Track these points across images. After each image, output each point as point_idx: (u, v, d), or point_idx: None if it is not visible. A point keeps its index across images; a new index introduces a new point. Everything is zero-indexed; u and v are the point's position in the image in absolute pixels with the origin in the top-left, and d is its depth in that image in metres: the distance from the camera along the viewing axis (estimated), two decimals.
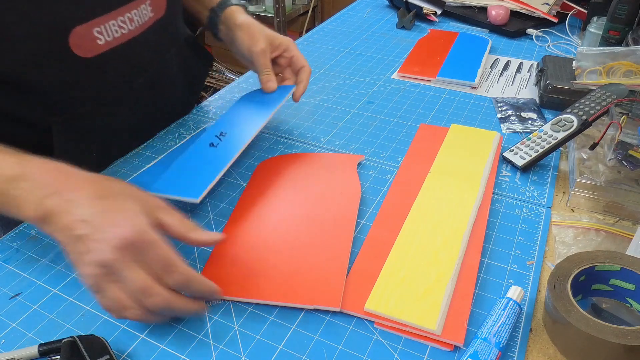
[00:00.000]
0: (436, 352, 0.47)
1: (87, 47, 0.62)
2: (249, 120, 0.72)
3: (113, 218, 0.45)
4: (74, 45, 0.60)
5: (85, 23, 0.60)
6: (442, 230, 0.58)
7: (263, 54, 0.75)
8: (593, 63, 0.83)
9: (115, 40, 0.65)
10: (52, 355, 0.46)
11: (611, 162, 0.64)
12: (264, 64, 0.76)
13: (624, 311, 0.50)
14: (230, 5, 0.80)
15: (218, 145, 0.67)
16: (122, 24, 0.65)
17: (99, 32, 0.62)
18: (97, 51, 0.63)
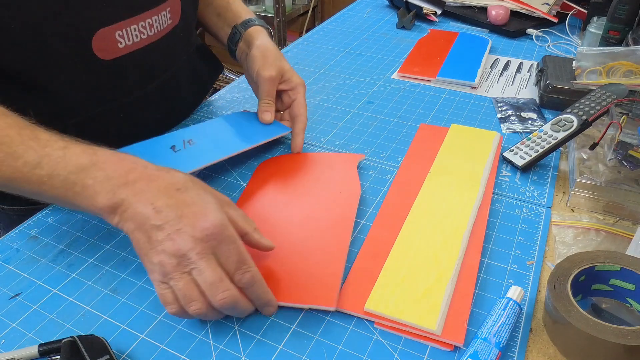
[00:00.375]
0: (436, 352, 0.47)
1: (108, 49, 0.63)
2: (226, 141, 0.69)
3: (194, 210, 0.45)
4: (96, 47, 0.61)
5: (110, 26, 0.62)
6: (442, 230, 0.58)
7: (271, 81, 0.73)
8: (593, 63, 0.83)
9: (134, 45, 0.66)
10: (52, 355, 0.46)
11: (611, 162, 0.64)
12: (267, 91, 0.73)
13: (624, 311, 0.50)
14: (255, 25, 0.80)
15: (178, 152, 0.63)
16: (142, 29, 0.66)
17: (120, 35, 0.63)
18: (116, 54, 0.64)
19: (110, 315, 0.50)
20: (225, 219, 0.46)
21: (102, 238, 0.59)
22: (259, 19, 0.82)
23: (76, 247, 0.58)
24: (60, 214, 0.63)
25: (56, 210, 0.64)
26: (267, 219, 0.61)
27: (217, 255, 0.45)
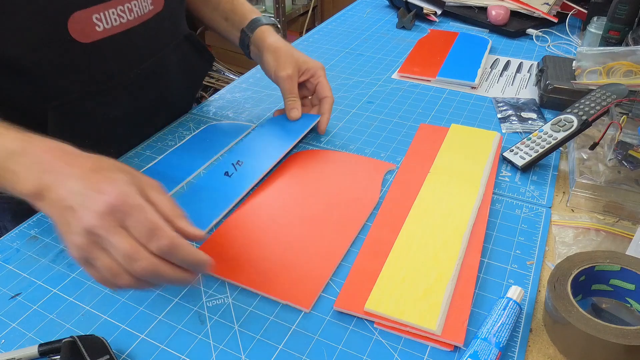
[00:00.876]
0: (436, 352, 0.47)
1: (86, 32, 0.63)
2: (268, 150, 0.72)
3: (101, 187, 0.45)
4: (73, 29, 0.62)
5: (85, 9, 0.62)
6: (442, 230, 0.58)
7: (289, 79, 0.75)
8: (593, 63, 0.83)
9: (113, 29, 0.66)
10: (52, 355, 0.46)
11: (611, 162, 0.64)
12: (289, 89, 0.76)
13: (624, 311, 0.50)
14: (261, 25, 0.80)
15: (232, 175, 0.67)
16: (121, 13, 0.66)
17: (98, 19, 0.64)
18: (94, 37, 0.64)
19: (110, 315, 0.50)
20: (129, 191, 0.44)
21: None
22: (265, 16, 0.83)
23: None
24: None
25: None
26: (277, 209, 0.63)
27: (127, 227, 0.44)
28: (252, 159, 0.70)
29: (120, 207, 0.43)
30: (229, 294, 0.53)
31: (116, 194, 0.44)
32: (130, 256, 0.43)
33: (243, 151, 0.72)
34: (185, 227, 0.48)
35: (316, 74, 0.77)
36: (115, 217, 0.43)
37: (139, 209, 0.44)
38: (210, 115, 0.85)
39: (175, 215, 0.48)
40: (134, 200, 0.44)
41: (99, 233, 0.43)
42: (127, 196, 0.44)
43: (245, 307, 0.51)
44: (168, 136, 0.79)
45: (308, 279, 0.53)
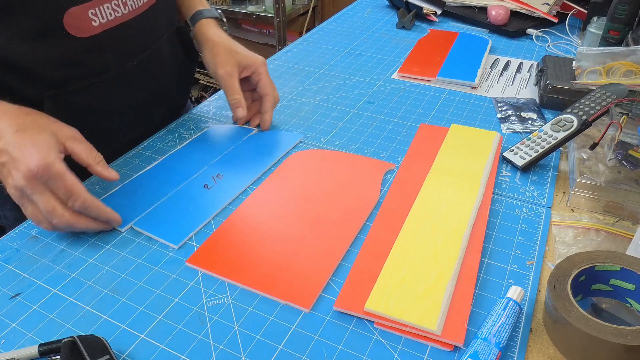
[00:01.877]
0: (436, 352, 0.47)
1: (82, 27, 0.64)
2: (248, 166, 0.71)
3: (26, 151, 0.53)
4: (68, 25, 0.63)
5: (81, 5, 0.63)
6: (442, 230, 0.58)
7: (228, 77, 0.74)
8: (593, 63, 0.83)
9: (109, 23, 0.67)
10: (52, 355, 0.46)
11: (611, 162, 0.64)
12: (230, 87, 0.75)
13: (624, 311, 0.50)
14: (202, 18, 0.79)
15: (212, 188, 0.67)
16: (116, 7, 0.67)
17: (93, 14, 0.65)
18: (91, 32, 0.65)
19: (110, 315, 0.50)
20: (50, 158, 0.53)
21: (102, 238, 0.59)
22: (210, 9, 0.82)
23: (76, 247, 0.58)
24: None
25: None
26: (277, 209, 0.63)
27: (50, 188, 0.54)
28: (232, 174, 0.69)
29: (41, 174, 0.52)
30: (229, 294, 0.53)
31: (37, 161, 0.52)
32: (50, 213, 0.54)
33: (224, 165, 0.71)
34: (100, 171, 0.58)
35: (257, 70, 0.76)
36: (37, 181, 0.52)
37: (58, 177, 0.53)
38: (210, 115, 0.85)
39: (94, 162, 0.58)
40: (52, 169, 0.53)
41: (26, 191, 0.53)
42: (47, 164, 0.52)
43: (245, 307, 0.51)
44: (168, 136, 0.79)
45: (308, 279, 0.53)
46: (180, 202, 0.64)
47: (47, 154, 0.53)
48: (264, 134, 0.79)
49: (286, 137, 0.78)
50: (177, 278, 0.54)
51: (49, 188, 0.53)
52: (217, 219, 0.62)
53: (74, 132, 0.58)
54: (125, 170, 0.71)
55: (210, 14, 0.81)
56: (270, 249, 0.57)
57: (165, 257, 0.57)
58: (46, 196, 0.53)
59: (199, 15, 0.80)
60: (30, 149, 0.53)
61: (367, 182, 0.68)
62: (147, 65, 0.76)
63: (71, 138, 0.57)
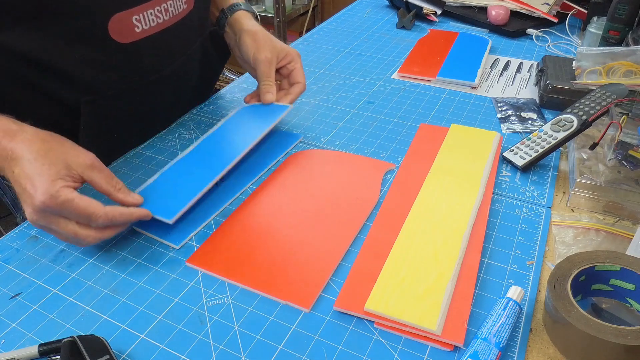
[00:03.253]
0: (436, 352, 0.47)
1: (125, 33, 0.65)
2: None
3: (33, 183, 0.50)
4: (112, 30, 0.64)
5: (126, 10, 0.64)
6: (442, 230, 0.58)
7: (268, 62, 0.75)
8: (593, 63, 0.83)
9: (151, 29, 0.68)
10: (52, 355, 0.46)
11: (611, 162, 0.64)
12: (266, 73, 0.76)
13: (624, 311, 0.50)
14: (240, 9, 0.81)
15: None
16: (158, 14, 0.68)
17: (137, 20, 0.66)
18: (133, 38, 0.66)
19: (110, 315, 0.50)
20: (55, 190, 0.50)
21: None
22: (247, 4, 0.84)
23: (76, 247, 0.58)
24: None
25: None
26: (277, 209, 0.63)
27: (64, 215, 0.51)
28: (232, 173, 0.69)
29: (49, 207, 0.50)
30: (229, 294, 0.53)
31: (42, 195, 0.50)
32: (75, 239, 0.52)
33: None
34: (122, 198, 0.56)
35: (293, 59, 0.78)
36: (49, 212, 0.51)
37: (67, 205, 0.50)
38: (210, 115, 0.85)
39: (114, 190, 0.56)
40: (58, 199, 0.50)
41: (41, 224, 0.52)
42: (52, 196, 0.50)
43: (245, 307, 0.51)
44: (168, 136, 0.79)
45: (308, 279, 0.53)
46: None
47: (51, 186, 0.50)
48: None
49: (286, 137, 0.78)
50: (177, 278, 0.54)
51: (63, 216, 0.51)
52: (217, 219, 0.62)
53: (91, 159, 0.55)
54: (125, 170, 0.71)
55: (248, 9, 0.83)
56: (270, 249, 0.57)
57: (165, 257, 0.57)
58: (62, 224, 0.51)
59: (236, 7, 0.82)
60: (36, 181, 0.50)
61: (367, 182, 0.68)
62: (180, 72, 0.77)
63: (88, 167, 0.54)
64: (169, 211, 0.58)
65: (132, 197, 0.57)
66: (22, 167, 0.51)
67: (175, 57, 0.75)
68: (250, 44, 0.77)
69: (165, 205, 0.59)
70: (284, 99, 0.77)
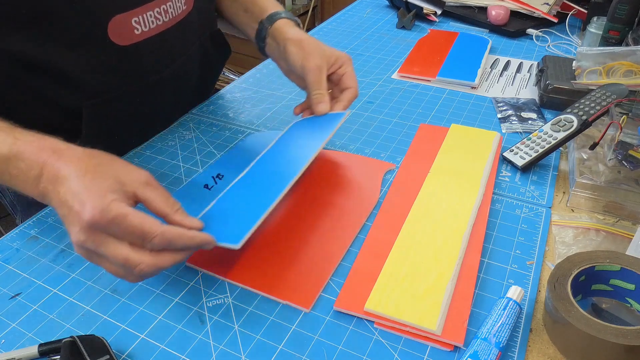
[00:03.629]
0: (436, 352, 0.47)
1: (125, 35, 0.65)
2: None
3: (81, 199, 0.44)
4: (112, 33, 0.63)
5: (125, 12, 0.63)
6: (442, 230, 0.58)
7: (318, 70, 0.69)
8: (593, 63, 0.83)
9: (150, 31, 0.68)
10: (52, 355, 0.46)
11: (611, 162, 0.64)
12: (317, 81, 0.69)
13: (624, 311, 0.50)
14: (280, 18, 0.76)
15: (212, 189, 0.65)
16: (158, 15, 0.68)
17: (136, 22, 0.65)
18: (132, 40, 0.66)
19: (110, 315, 0.50)
20: (106, 203, 0.44)
21: None
22: (287, 12, 0.79)
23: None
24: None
25: None
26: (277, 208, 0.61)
27: (115, 235, 0.44)
28: (232, 173, 0.67)
29: (98, 223, 0.43)
30: (229, 294, 0.53)
31: (91, 209, 0.43)
32: (127, 265, 0.44)
33: (225, 165, 0.71)
34: (180, 220, 0.48)
35: (344, 64, 0.72)
36: (99, 231, 0.44)
37: (119, 221, 0.43)
38: (210, 115, 0.85)
39: (172, 211, 0.48)
40: (109, 213, 0.43)
41: (89, 247, 0.44)
42: (102, 210, 0.43)
43: (245, 307, 0.51)
44: (168, 136, 0.79)
45: (308, 279, 0.53)
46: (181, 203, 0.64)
47: (101, 200, 0.44)
48: (264, 135, 0.79)
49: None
50: (177, 278, 0.54)
51: (114, 236, 0.44)
52: None
53: (146, 176, 0.49)
54: None
55: (289, 16, 0.77)
56: (270, 249, 0.57)
57: None
58: (112, 246, 0.44)
59: (277, 15, 0.76)
60: (84, 196, 0.44)
61: (367, 182, 0.67)
62: (180, 72, 0.77)
63: (143, 183, 0.48)
64: (233, 236, 0.50)
65: (191, 220, 0.49)
66: (69, 185, 0.46)
67: (175, 58, 0.75)
68: (297, 53, 0.70)
69: (229, 230, 0.51)
70: (335, 106, 0.70)
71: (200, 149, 0.76)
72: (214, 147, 0.76)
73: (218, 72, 0.95)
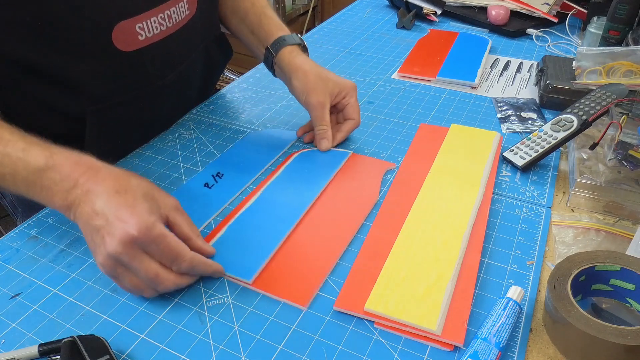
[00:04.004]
0: (436, 352, 0.47)
1: (129, 41, 0.65)
2: (248, 165, 0.70)
3: (124, 214, 0.48)
4: (116, 39, 0.63)
5: (130, 18, 0.63)
6: (442, 230, 0.58)
7: (321, 107, 0.71)
8: (593, 63, 0.83)
9: (154, 36, 0.68)
10: (52, 355, 0.46)
11: (611, 162, 0.64)
12: (319, 117, 0.71)
13: (624, 311, 0.50)
14: (285, 45, 0.76)
15: (212, 187, 0.66)
16: (162, 21, 0.68)
17: (140, 27, 0.65)
18: (136, 46, 0.66)
19: (110, 315, 0.50)
20: (149, 222, 0.48)
21: None
22: (291, 35, 0.78)
23: (76, 247, 0.58)
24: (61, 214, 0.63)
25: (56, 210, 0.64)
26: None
27: (150, 253, 0.48)
28: (232, 172, 0.69)
29: (141, 239, 0.47)
30: (229, 294, 0.53)
31: (137, 225, 0.47)
32: (153, 280, 0.49)
33: (224, 163, 0.71)
34: (201, 245, 0.54)
35: (348, 94, 0.74)
36: (137, 246, 0.47)
37: (160, 240, 0.48)
38: (210, 115, 0.85)
39: (195, 236, 0.54)
40: (152, 233, 0.47)
41: (122, 259, 0.47)
42: (147, 228, 0.47)
43: (245, 307, 0.51)
44: (168, 136, 0.79)
45: (306, 277, 0.54)
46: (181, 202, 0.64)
47: (147, 217, 0.48)
48: (263, 133, 0.79)
49: (287, 137, 0.78)
50: None
51: (148, 253, 0.48)
52: (217, 220, 0.62)
53: (175, 202, 0.54)
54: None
55: (294, 42, 0.77)
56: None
57: None
58: (146, 262, 0.48)
59: (282, 43, 0.76)
60: (129, 212, 0.48)
61: (366, 182, 0.67)
62: (185, 74, 0.77)
63: (174, 208, 0.53)
64: (245, 270, 0.54)
65: (208, 247, 0.55)
66: (109, 199, 0.48)
67: (179, 63, 0.75)
68: (301, 88, 0.72)
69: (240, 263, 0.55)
70: (336, 135, 0.74)
71: (200, 149, 0.76)
72: (214, 147, 0.76)
73: (220, 73, 0.95)
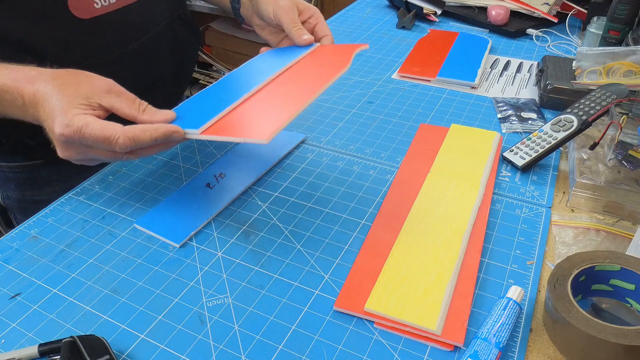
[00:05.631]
0: (436, 352, 0.47)
1: (84, 9, 0.67)
2: (250, 165, 0.71)
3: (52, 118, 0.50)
4: (72, 6, 0.66)
5: None
6: (442, 230, 0.58)
7: (290, 10, 0.72)
8: (593, 63, 0.83)
9: (110, 6, 0.70)
10: (52, 355, 0.46)
11: (611, 162, 0.64)
12: (292, 19, 0.72)
13: (624, 311, 0.50)
14: None
15: (214, 187, 0.67)
16: None
17: None
18: (93, 14, 0.68)
19: (110, 315, 0.50)
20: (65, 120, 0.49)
21: (102, 238, 0.59)
22: None
23: (76, 247, 0.58)
24: (61, 214, 0.63)
25: (56, 210, 0.64)
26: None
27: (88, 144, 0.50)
28: (234, 172, 0.70)
29: (67, 136, 0.49)
30: (229, 294, 0.53)
31: (58, 127, 0.50)
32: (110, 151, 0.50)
33: (227, 163, 0.71)
34: (149, 118, 0.53)
35: (314, 14, 0.75)
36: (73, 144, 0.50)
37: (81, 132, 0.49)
38: None
39: (136, 111, 0.53)
40: (71, 127, 0.49)
41: (77, 159, 0.52)
42: (66, 126, 0.49)
43: (245, 307, 0.51)
44: None
45: (268, 118, 0.53)
46: (183, 201, 0.64)
47: (64, 116, 0.50)
48: None
49: (288, 137, 0.77)
50: (177, 278, 0.54)
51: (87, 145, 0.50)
52: (217, 219, 0.62)
53: (108, 84, 0.53)
54: (125, 170, 0.71)
55: None
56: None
57: (165, 257, 0.57)
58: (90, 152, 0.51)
59: None
60: (54, 115, 0.50)
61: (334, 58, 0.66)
62: (148, 49, 0.79)
63: (106, 92, 0.52)
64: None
65: (160, 114, 0.53)
66: (44, 107, 0.52)
67: (139, 35, 0.76)
68: (268, 2, 0.73)
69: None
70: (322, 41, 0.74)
71: (200, 149, 0.76)
72: (214, 147, 0.76)
73: (193, 58, 0.96)
